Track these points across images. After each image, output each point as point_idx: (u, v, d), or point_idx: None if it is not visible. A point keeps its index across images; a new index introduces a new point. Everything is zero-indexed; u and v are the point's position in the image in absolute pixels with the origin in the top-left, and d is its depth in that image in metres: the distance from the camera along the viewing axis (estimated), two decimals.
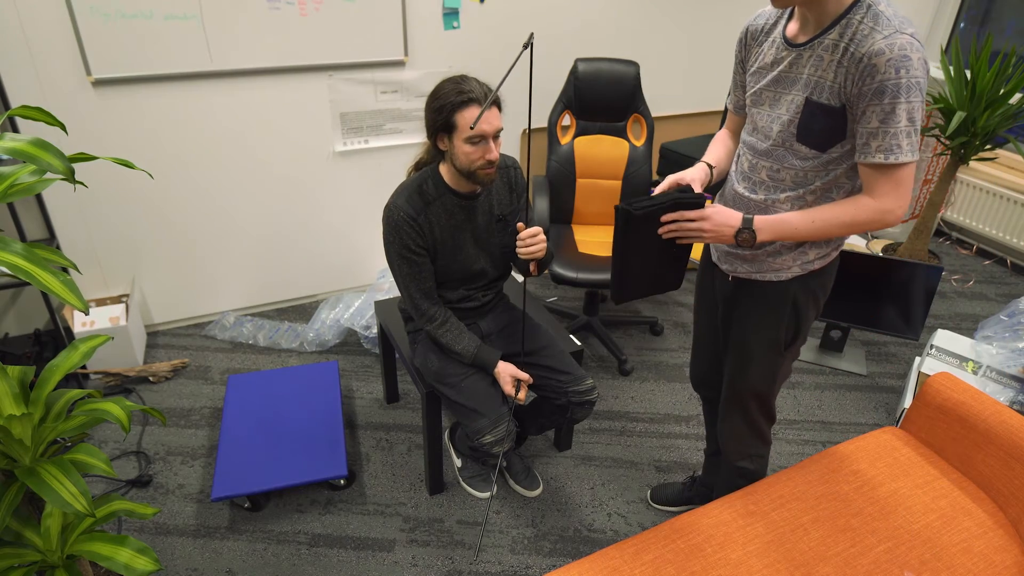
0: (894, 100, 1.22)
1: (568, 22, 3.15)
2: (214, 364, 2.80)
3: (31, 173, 1.35)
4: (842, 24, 1.27)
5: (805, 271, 1.49)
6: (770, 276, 1.51)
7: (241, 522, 2.10)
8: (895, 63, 1.20)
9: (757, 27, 1.48)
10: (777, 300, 1.52)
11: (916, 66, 1.20)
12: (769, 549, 1.49)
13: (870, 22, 1.24)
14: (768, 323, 1.55)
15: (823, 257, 1.48)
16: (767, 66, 1.43)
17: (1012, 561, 1.51)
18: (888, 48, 1.20)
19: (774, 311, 1.53)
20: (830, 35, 1.29)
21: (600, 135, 2.85)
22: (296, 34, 2.62)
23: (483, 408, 1.81)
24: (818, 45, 1.31)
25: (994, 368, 2.46)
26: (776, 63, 1.40)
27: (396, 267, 1.80)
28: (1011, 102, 2.97)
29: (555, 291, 3.38)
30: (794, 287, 1.50)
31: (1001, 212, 3.67)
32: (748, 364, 1.61)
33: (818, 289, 1.52)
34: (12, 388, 1.40)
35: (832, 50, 1.28)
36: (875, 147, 1.28)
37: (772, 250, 1.49)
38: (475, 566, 1.97)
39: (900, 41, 1.20)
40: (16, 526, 1.48)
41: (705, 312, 1.79)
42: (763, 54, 1.44)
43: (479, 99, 1.62)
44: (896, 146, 1.26)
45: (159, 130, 2.60)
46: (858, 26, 1.25)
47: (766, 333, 1.56)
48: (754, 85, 1.47)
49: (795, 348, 1.59)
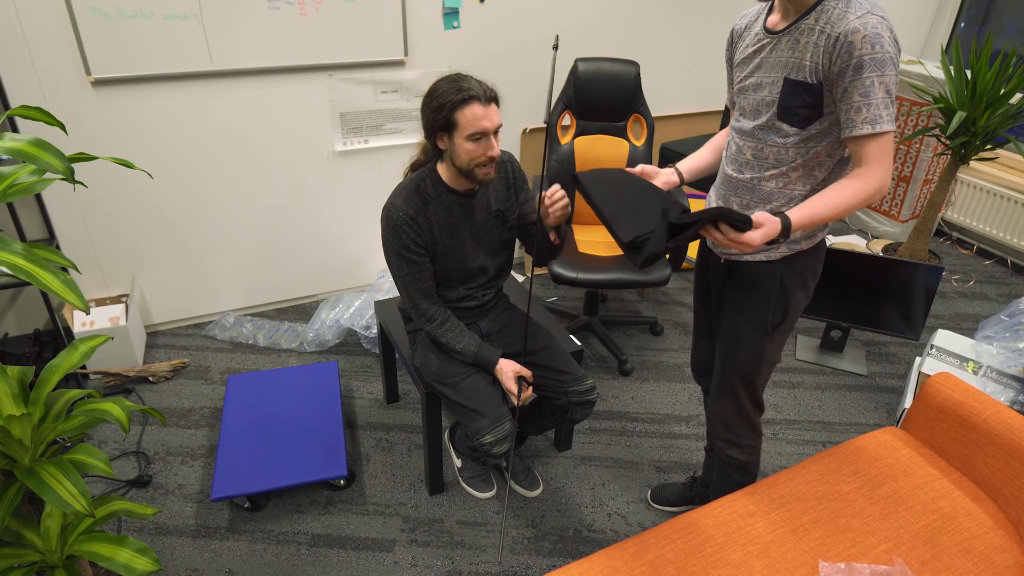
0: (872, 74, 1.32)
1: (568, 22, 3.15)
2: (214, 364, 2.80)
3: (31, 173, 1.34)
4: (817, 10, 1.38)
5: (793, 251, 1.55)
6: (760, 256, 1.57)
7: (241, 522, 2.10)
8: (870, 39, 1.30)
9: (741, 26, 1.59)
10: (765, 280, 1.59)
11: (888, 42, 1.31)
12: (769, 549, 1.48)
13: (843, 6, 1.35)
14: (756, 303, 1.61)
15: (810, 238, 1.55)
16: (749, 56, 1.52)
17: (1012, 561, 1.51)
18: (862, 27, 1.31)
19: (762, 291, 1.60)
20: (806, 20, 1.40)
21: (600, 135, 2.84)
22: (296, 34, 2.62)
23: (483, 408, 1.81)
24: (795, 30, 1.41)
25: (994, 368, 2.46)
26: (757, 52, 1.50)
27: (395, 267, 1.80)
28: (1011, 102, 2.96)
29: (555, 291, 3.38)
30: (781, 268, 1.57)
31: (1001, 212, 3.67)
32: (736, 345, 1.67)
33: (806, 271, 1.59)
34: (12, 388, 1.40)
35: (808, 33, 1.39)
36: (860, 120, 1.36)
37: None
38: (477, 567, 1.97)
39: (872, 20, 1.31)
40: (16, 526, 1.47)
41: (702, 299, 1.85)
42: (746, 47, 1.54)
43: (479, 96, 1.62)
44: (878, 116, 1.35)
45: (159, 130, 2.60)
46: (833, 10, 1.36)
47: (754, 313, 1.62)
48: (739, 75, 1.56)
49: (782, 331, 1.64)
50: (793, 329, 1.62)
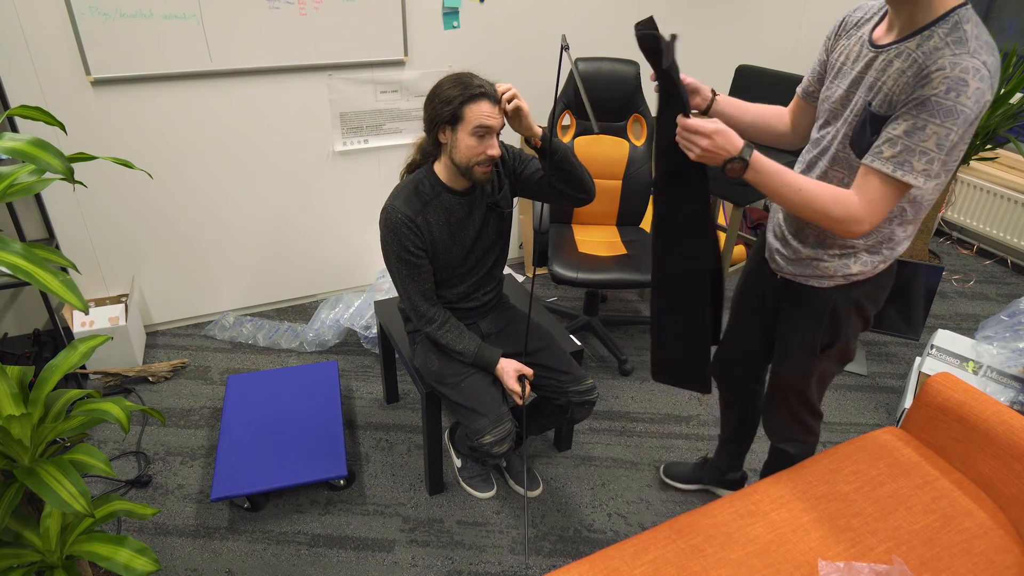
0: (930, 118, 1.17)
1: (568, 22, 3.15)
2: (213, 364, 2.80)
3: (30, 173, 1.34)
4: (924, 35, 1.22)
5: (848, 281, 1.50)
6: (813, 282, 1.53)
7: (241, 522, 2.10)
8: (949, 83, 1.15)
9: (853, 19, 1.43)
10: (817, 305, 1.55)
11: (970, 94, 1.15)
12: (769, 549, 1.48)
13: (948, 37, 1.18)
14: (806, 326, 1.59)
15: (868, 269, 1.48)
16: (848, 64, 1.39)
17: (1012, 562, 1.51)
18: (951, 66, 1.15)
19: (813, 315, 1.56)
20: (909, 43, 1.24)
21: (600, 135, 2.84)
22: (296, 34, 2.62)
23: (483, 408, 1.81)
24: (894, 50, 1.26)
25: (995, 368, 2.45)
26: (856, 62, 1.36)
27: (395, 269, 1.80)
28: (1011, 102, 2.96)
29: (555, 291, 3.38)
30: (835, 295, 1.52)
31: (1001, 212, 3.67)
32: (784, 359, 1.67)
33: (863, 299, 1.53)
34: (11, 388, 1.39)
35: (904, 58, 1.24)
36: (888, 154, 1.23)
37: (814, 255, 1.50)
38: (477, 567, 1.97)
39: (965, 64, 1.15)
40: (15, 526, 1.47)
41: (746, 305, 1.80)
42: (849, 48, 1.40)
43: (490, 94, 1.63)
44: (907, 163, 1.21)
45: (158, 130, 2.60)
46: (936, 39, 1.19)
47: (803, 334, 1.60)
48: (829, 77, 1.44)
49: (835, 352, 1.61)
50: (852, 349, 1.62)
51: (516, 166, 1.88)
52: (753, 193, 2.79)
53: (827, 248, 1.48)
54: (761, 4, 3.55)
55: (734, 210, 2.88)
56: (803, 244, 1.51)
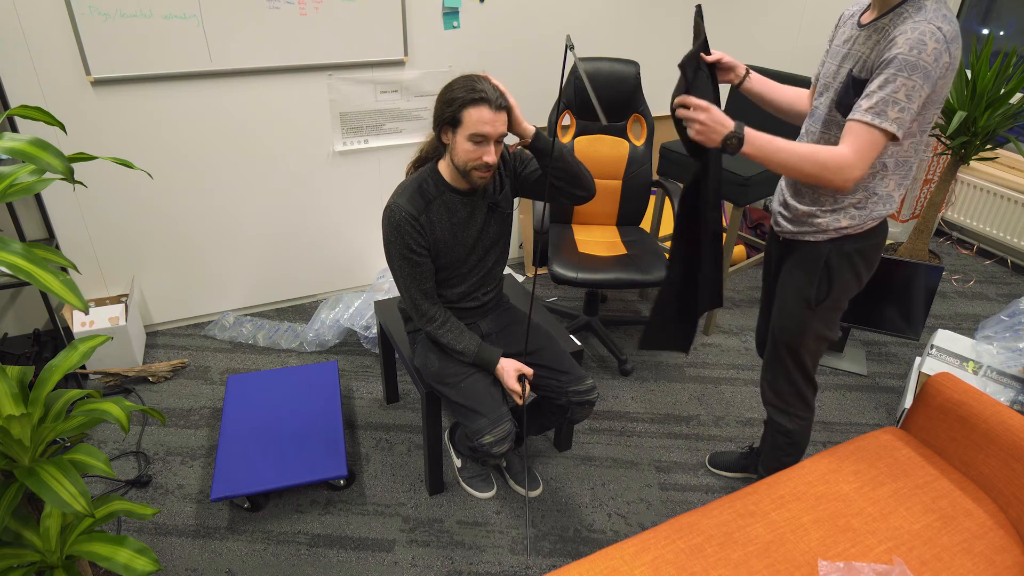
0: (897, 72, 1.38)
1: (568, 22, 3.15)
2: (214, 364, 2.80)
3: (30, 173, 1.34)
4: (896, 12, 1.45)
5: (840, 235, 1.65)
6: (809, 237, 1.69)
7: (241, 522, 2.10)
8: (911, 42, 1.36)
9: (849, 12, 1.66)
10: (812, 258, 1.70)
11: (929, 52, 1.36)
12: (769, 549, 1.48)
13: (913, 10, 1.42)
14: (801, 278, 1.73)
15: (857, 223, 1.63)
16: (839, 44, 1.61)
17: (1012, 562, 1.51)
18: (912, 29, 1.37)
19: (808, 268, 1.71)
20: (884, 19, 1.48)
21: (600, 135, 2.84)
22: (296, 33, 2.62)
23: (483, 408, 1.81)
24: (872, 27, 1.50)
25: (995, 368, 2.45)
26: (845, 43, 1.59)
27: (397, 268, 1.80)
28: (1011, 102, 2.96)
29: (555, 291, 3.38)
30: (828, 248, 1.67)
31: (1001, 212, 3.67)
32: (781, 314, 1.79)
33: (855, 255, 1.66)
34: (11, 388, 1.39)
35: (879, 31, 1.48)
36: (865, 107, 1.43)
37: (809, 212, 1.67)
38: (477, 567, 1.97)
39: (923, 28, 1.36)
40: (15, 526, 1.47)
41: (766, 275, 1.98)
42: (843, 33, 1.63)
43: (490, 100, 1.62)
44: (883, 112, 1.40)
45: (159, 130, 2.60)
46: (903, 14, 1.43)
47: (798, 287, 1.74)
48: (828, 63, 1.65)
49: (825, 307, 1.72)
50: (841, 309, 1.76)
51: (516, 166, 1.88)
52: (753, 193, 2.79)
53: (820, 205, 1.65)
54: (761, 5, 3.55)
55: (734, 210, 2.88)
56: (800, 202, 1.69)
